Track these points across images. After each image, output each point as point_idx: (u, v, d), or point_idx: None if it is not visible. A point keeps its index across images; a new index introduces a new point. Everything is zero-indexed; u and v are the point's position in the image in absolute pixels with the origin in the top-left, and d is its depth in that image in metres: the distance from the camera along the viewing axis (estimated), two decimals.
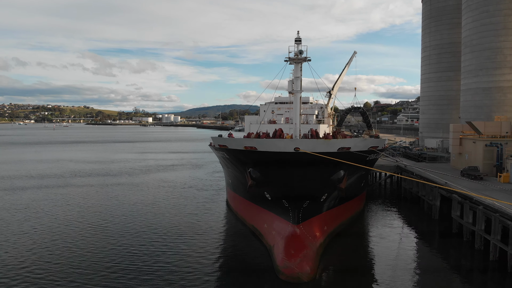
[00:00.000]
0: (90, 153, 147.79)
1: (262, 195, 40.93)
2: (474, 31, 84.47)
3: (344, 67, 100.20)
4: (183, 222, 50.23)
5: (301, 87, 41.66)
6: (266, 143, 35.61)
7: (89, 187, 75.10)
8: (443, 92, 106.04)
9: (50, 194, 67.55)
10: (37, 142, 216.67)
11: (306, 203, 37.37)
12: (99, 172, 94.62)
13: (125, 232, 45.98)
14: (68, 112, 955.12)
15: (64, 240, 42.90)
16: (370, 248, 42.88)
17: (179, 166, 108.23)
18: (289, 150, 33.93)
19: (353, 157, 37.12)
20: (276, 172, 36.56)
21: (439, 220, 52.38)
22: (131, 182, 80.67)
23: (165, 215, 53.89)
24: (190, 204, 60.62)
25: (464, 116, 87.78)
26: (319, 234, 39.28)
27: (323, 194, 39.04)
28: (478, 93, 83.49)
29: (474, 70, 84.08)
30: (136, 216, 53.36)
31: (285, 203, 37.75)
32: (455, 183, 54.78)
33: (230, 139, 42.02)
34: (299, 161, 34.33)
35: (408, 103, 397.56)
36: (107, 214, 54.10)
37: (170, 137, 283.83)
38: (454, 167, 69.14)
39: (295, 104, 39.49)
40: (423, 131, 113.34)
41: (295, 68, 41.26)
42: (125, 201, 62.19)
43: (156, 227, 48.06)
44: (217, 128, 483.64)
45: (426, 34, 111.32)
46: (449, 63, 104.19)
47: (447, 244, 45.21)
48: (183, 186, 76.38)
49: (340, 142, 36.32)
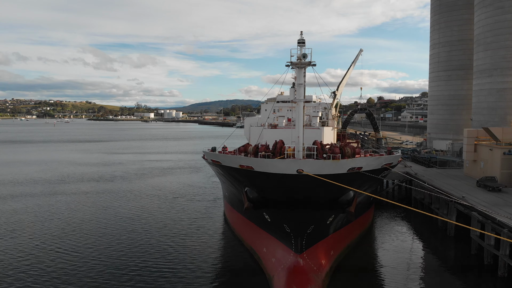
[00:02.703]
0: (83, 154, 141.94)
1: (261, 215, 36.64)
2: (487, 28, 79.60)
3: (350, 66, 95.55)
4: (176, 241, 45.92)
5: (305, 94, 37.21)
6: (264, 163, 31.21)
7: (75, 195, 69.87)
8: (453, 92, 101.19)
9: (32, 205, 62.69)
10: (29, 141, 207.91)
11: (311, 228, 33.04)
12: (89, 177, 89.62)
13: (112, 248, 42.17)
14: (70, 107, 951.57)
15: (39, 260, 38.81)
16: (379, 272, 38.60)
17: (175, 169, 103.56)
18: (291, 172, 29.56)
19: (364, 177, 32.75)
20: (276, 194, 32.23)
21: (455, 238, 47.91)
22: (123, 189, 76.18)
23: (156, 231, 49.55)
24: (184, 217, 55.83)
25: (476, 118, 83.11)
26: (325, 261, 34.95)
27: (330, 216, 34.72)
28: (491, 94, 78.79)
29: (487, 70, 79.32)
30: (125, 229, 49.23)
31: (287, 228, 33.44)
32: (471, 194, 50.47)
33: (223, 156, 37.50)
34: (303, 183, 29.97)
35: (412, 99, 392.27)
36: (91, 230, 49.73)
37: (170, 135, 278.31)
38: (468, 175, 64.66)
39: (298, 115, 34.98)
40: (431, 132, 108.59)
41: (298, 74, 36.60)
42: (114, 213, 57.97)
43: (146, 244, 44.17)
44: (218, 124, 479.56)
45: (435, 30, 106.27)
46: (460, 61, 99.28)
47: (465, 267, 40.92)
48: (177, 194, 71.44)
49: (350, 162, 31.79)
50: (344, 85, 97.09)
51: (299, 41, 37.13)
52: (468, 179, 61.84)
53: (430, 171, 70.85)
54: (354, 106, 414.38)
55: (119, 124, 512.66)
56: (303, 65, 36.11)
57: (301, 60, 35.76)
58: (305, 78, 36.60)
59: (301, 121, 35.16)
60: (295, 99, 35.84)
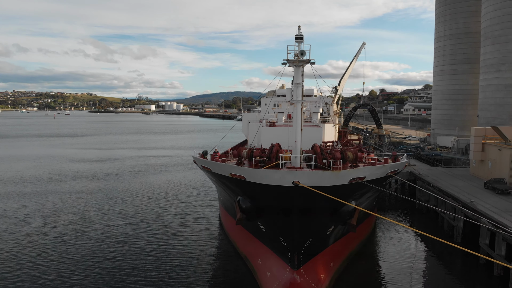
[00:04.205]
0: (77, 149, 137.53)
1: (256, 224, 34.12)
2: (495, 21, 76.41)
3: (352, 60, 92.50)
4: (168, 248, 43.44)
5: (303, 92, 34.42)
6: (257, 174, 28.53)
7: (65, 196, 66.70)
8: (458, 86, 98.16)
9: (17, 207, 59.89)
10: (25, 135, 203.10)
11: (309, 241, 30.49)
12: (82, 175, 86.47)
13: (101, 254, 39.88)
14: (71, 99, 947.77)
15: (18, 267, 36.46)
16: (383, 283, 36.16)
17: (172, 166, 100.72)
18: (286, 184, 26.92)
19: (368, 186, 30.13)
20: (271, 205, 29.67)
21: (462, 244, 45.30)
22: (116, 188, 73.33)
23: (147, 236, 47.09)
24: (178, 222, 52.89)
25: (483, 114, 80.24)
26: (325, 275, 32.45)
27: (330, 227, 32.18)
28: (499, 90, 75.84)
29: (495, 65, 76.28)
30: (115, 234, 46.84)
31: (283, 241, 30.86)
32: (479, 198, 47.85)
33: (214, 163, 34.71)
34: (299, 196, 27.35)
35: (414, 91, 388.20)
36: (79, 235, 47.20)
37: (168, 129, 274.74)
38: (475, 175, 62.00)
39: (295, 118, 32.18)
40: (435, 128, 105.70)
41: (296, 73, 33.72)
42: (104, 216, 55.56)
43: (137, 249, 42.01)
44: (219, 117, 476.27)
45: (440, 22, 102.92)
46: (466, 54, 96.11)
47: (473, 277, 38.54)
48: (171, 195, 68.17)
49: (352, 172, 29.05)
50: (346, 80, 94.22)
51: (296, 36, 34.21)
52: (475, 179, 59.21)
53: (435, 170, 68.13)
54: (356, 99, 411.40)
55: (119, 117, 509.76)
56: (301, 63, 33.27)
57: (299, 58, 32.89)
58: (303, 77, 33.76)
59: (299, 125, 32.40)
60: (292, 99, 33.10)
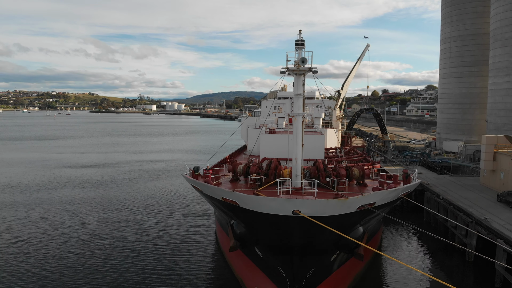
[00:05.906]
0: (72, 154, 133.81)
1: (252, 248, 31.06)
2: (505, 22, 73.16)
3: (355, 63, 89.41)
4: (160, 260, 40.47)
5: (304, 107, 31.38)
6: (251, 201, 25.41)
7: (53, 206, 62.96)
8: (465, 90, 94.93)
9: (4, 218, 57.19)
10: (20, 137, 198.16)
11: (311, 272, 27.42)
12: (74, 182, 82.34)
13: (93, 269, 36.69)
14: (73, 99, 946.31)
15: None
16: None
17: (168, 172, 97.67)
18: (285, 214, 23.83)
19: (378, 212, 27.06)
20: (268, 233, 26.60)
21: (474, 264, 42.26)
22: (109, 197, 69.99)
23: (139, 250, 44.06)
24: (172, 235, 50.09)
25: (492, 120, 77.04)
26: None
27: (334, 254, 29.12)
28: (510, 95, 72.62)
29: (505, 68, 73.04)
30: (106, 247, 43.80)
31: (282, 272, 27.76)
32: (492, 212, 44.74)
33: (204, 185, 31.36)
34: (300, 226, 24.24)
35: (417, 92, 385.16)
36: (66, 248, 44.28)
37: (168, 130, 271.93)
38: (485, 185, 58.88)
39: (296, 134, 29.12)
40: (441, 132, 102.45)
41: (296, 82, 30.70)
42: (94, 228, 52.65)
43: (128, 266, 38.72)
44: (220, 118, 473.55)
45: (446, 23, 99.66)
46: (473, 57, 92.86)
47: None
48: (166, 206, 64.45)
49: (361, 199, 25.77)
50: (349, 83, 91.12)
51: (297, 42, 31.22)
52: (486, 190, 56.09)
53: (443, 179, 64.98)
54: (358, 99, 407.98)
55: (120, 117, 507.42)
56: (302, 71, 30.24)
57: (299, 66, 29.84)
58: (304, 87, 30.72)
59: (300, 140, 29.35)
60: (292, 112, 30.06)
